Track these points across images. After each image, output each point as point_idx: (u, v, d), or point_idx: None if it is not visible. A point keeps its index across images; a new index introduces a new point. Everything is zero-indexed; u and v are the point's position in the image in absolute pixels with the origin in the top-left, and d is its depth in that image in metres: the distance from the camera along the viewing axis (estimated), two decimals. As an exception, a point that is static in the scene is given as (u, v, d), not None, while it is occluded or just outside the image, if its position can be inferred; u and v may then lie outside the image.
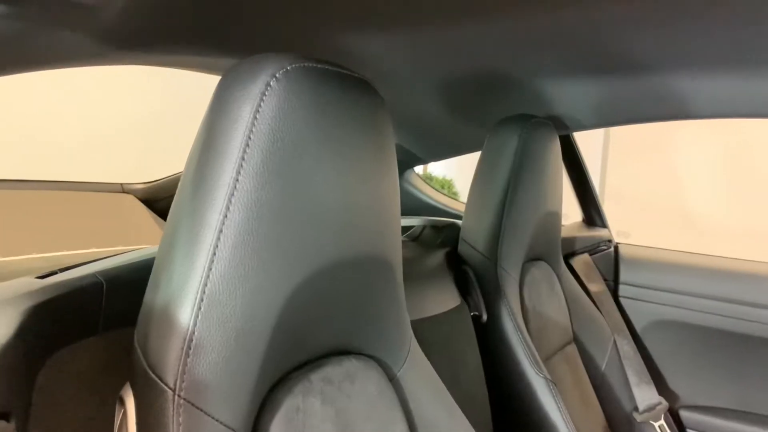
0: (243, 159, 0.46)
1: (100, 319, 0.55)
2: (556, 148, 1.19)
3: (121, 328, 0.57)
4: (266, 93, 0.47)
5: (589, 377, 1.30)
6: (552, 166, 1.17)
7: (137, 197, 1.69)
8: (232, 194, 0.46)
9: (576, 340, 1.31)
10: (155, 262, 0.50)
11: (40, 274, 0.58)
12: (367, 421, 0.62)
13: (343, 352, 0.63)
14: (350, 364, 0.62)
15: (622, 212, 1.86)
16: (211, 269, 0.45)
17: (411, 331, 0.72)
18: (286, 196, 0.48)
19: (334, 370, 0.60)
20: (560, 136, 1.22)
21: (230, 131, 0.47)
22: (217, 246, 0.45)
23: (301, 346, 0.55)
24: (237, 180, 0.46)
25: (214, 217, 0.46)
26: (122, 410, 0.47)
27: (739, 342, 1.40)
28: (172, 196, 0.50)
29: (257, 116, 0.46)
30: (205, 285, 0.45)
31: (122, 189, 1.71)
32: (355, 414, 0.60)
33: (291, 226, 0.49)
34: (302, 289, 0.51)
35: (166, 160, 1.67)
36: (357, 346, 0.64)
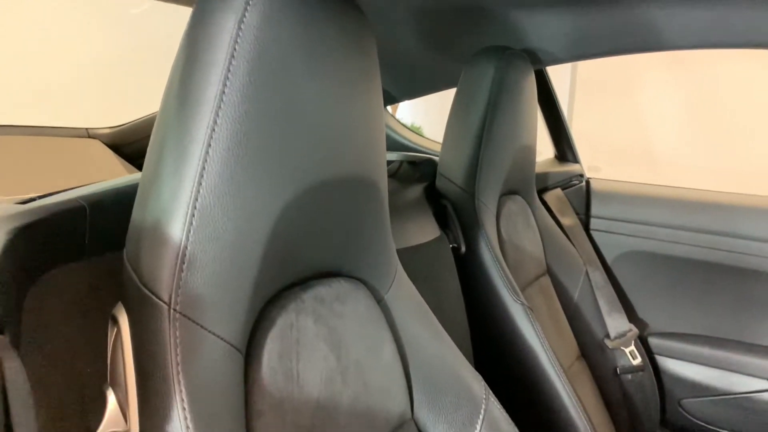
0: (229, 71, 0.45)
1: (85, 242, 0.54)
2: (531, 82, 1.19)
3: (108, 253, 0.56)
4: (250, 2, 0.45)
5: (563, 307, 1.34)
6: (527, 99, 1.17)
7: (104, 142, 1.65)
8: (219, 107, 0.45)
9: (550, 271, 1.34)
10: (141, 179, 0.49)
11: (18, 200, 0.56)
12: (358, 340, 0.63)
13: (332, 274, 0.63)
14: (339, 286, 0.63)
15: (590, 156, 1.88)
16: (201, 183, 0.45)
17: (396, 257, 0.72)
18: (274, 111, 0.47)
19: (324, 290, 0.60)
20: (534, 72, 1.22)
21: (214, 42, 0.45)
22: (206, 160, 0.45)
23: (292, 265, 0.55)
24: (224, 93, 0.45)
25: (201, 131, 0.45)
26: (116, 329, 0.47)
27: (705, 270, 1.45)
28: (139, 141, 0.49)
29: (242, 26, 0.45)
30: (196, 199, 0.45)
31: (87, 134, 1.66)
32: (346, 333, 0.61)
33: (280, 142, 0.48)
34: (292, 206, 0.51)
35: (133, 103, 1.62)
36: (346, 268, 0.64)
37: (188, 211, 0.44)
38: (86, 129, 1.65)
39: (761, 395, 1.39)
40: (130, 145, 1.59)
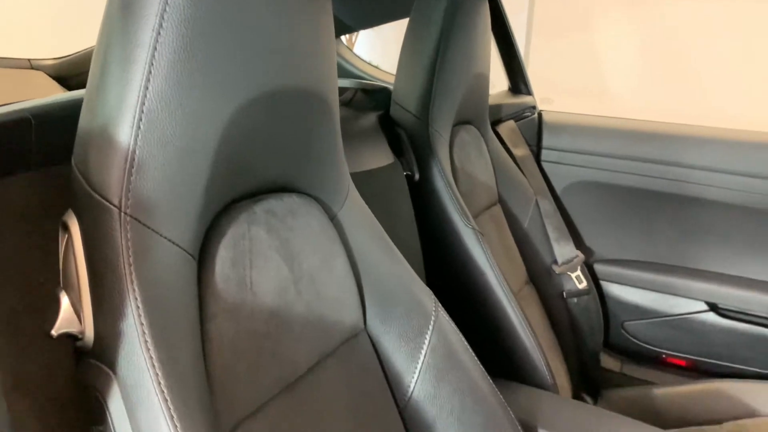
0: None
1: (31, 154, 0.54)
2: (485, 11, 1.19)
3: (55, 165, 0.56)
4: None
5: (513, 235, 1.38)
6: (481, 28, 1.18)
7: (48, 74, 1.59)
8: (164, 10, 0.44)
9: (501, 201, 1.38)
10: (87, 87, 0.48)
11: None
12: (311, 253, 0.64)
13: (285, 190, 0.64)
14: (292, 201, 0.64)
15: (546, 93, 1.90)
16: (147, 88, 0.44)
17: (349, 176, 0.74)
18: (221, 17, 0.47)
19: (277, 203, 0.61)
20: (489, 2, 1.22)
21: None
22: (152, 64, 0.44)
23: (243, 175, 0.56)
24: None
25: (147, 35, 0.44)
26: (66, 235, 0.47)
27: (650, 199, 1.50)
28: (85, 73, 0.49)
29: (185, -73, 0.44)
30: (143, 104, 0.45)
31: (30, 65, 1.60)
32: (299, 245, 0.63)
33: (227, 48, 0.48)
34: (241, 114, 0.51)
35: (78, 35, 1.56)
36: (298, 184, 0.65)
37: (135, 116, 0.44)
38: (29, 60, 1.59)
39: (697, 316, 1.48)
40: (76, 77, 1.54)
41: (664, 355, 1.55)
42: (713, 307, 1.47)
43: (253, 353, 0.54)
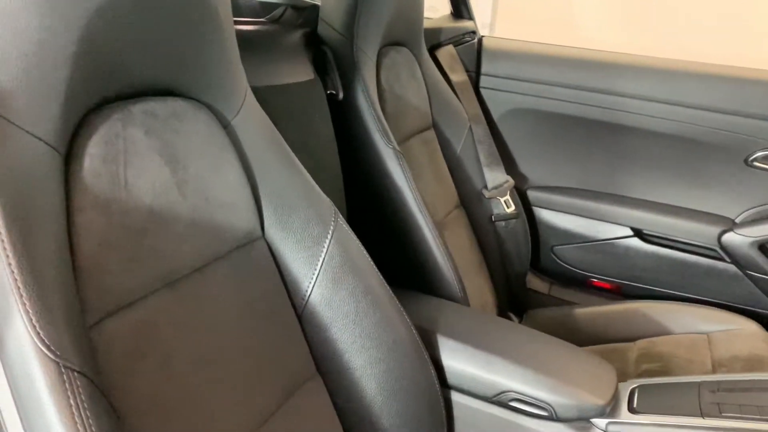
0: None
1: None
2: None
3: None
4: None
5: (446, 159, 1.40)
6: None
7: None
8: None
9: (435, 125, 1.39)
10: None
11: None
12: (199, 157, 0.66)
13: (168, 93, 0.64)
14: (177, 104, 0.64)
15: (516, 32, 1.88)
16: None
17: (246, 86, 0.74)
18: None
19: (158, 106, 0.62)
20: None
21: None
22: None
23: (115, 73, 0.56)
24: None
25: None
26: None
27: (584, 127, 1.53)
28: None
29: None
30: None
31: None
32: (183, 149, 0.64)
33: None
34: (107, 8, 0.51)
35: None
36: (182, 88, 0.65)
37: None
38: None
39: (623, 241, 1.54)
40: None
41: (590, 278, 1.62)
42: (638, 233, 1.52)
43: (127, 248, 0.56)
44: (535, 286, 1.65)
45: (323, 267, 0.76)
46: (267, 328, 0.71)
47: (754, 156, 1.40)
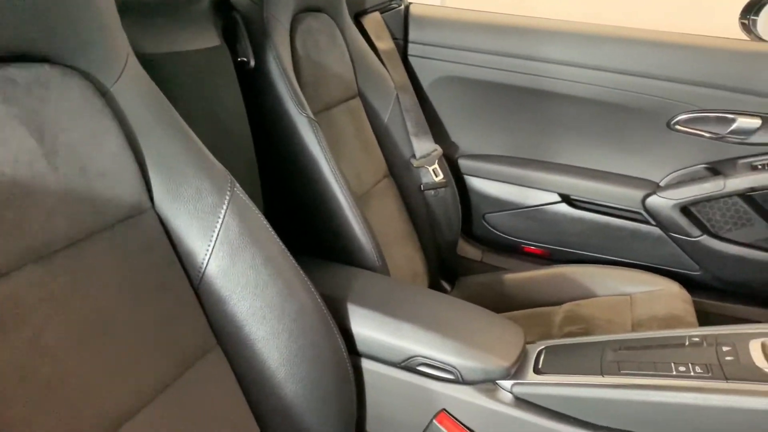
0: None
1: None
2: None
3: None
4: None
5: (373, 129, 1.39)
6: None
7: None
8: None
9: (361, 94, 1.37)
10: None
11: None
12: (71, 127, 0.63)
13: (30, 58, 0.61)
14: (42, 70, 0.61)
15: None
16: None
17: (128, 50, 0.71)
18: None
19: (18, 72, 0.59)
20: None
21: None
22: None
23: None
24: None
25: None
26: None
27: (511, 93, 1.53)
28: None
29: None
30: None
31: None
32: (52, 117, 0.61)
33: None
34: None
35: None
36: (50, 53, 0.62)
37: None
38: None
39: (551, 207, 1.56)
40: None
41: (522, 245, 1.64)
42: (566, 198, 1.54)
43: (-14, 220, 0.54)
44: (467, 253, 1.67)
45: (219, 238, 0.74)
46: (157, 302, 0.70)
47: (676, 119, 1.43)
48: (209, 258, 0.74)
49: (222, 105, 1.00)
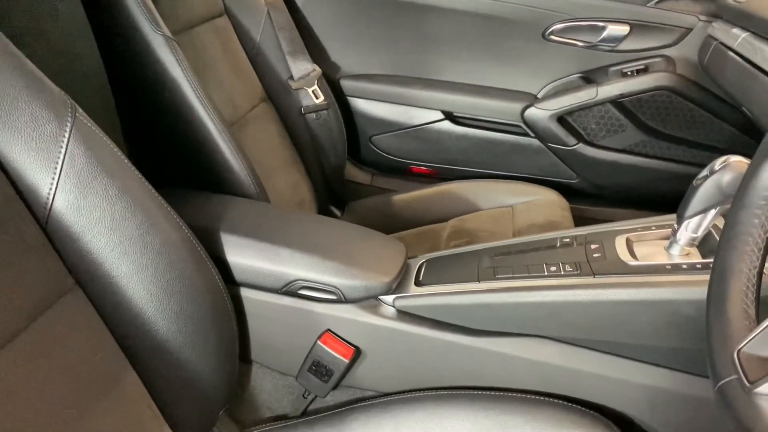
0: None
1: None
2: None
3: None
4: None
5: (245, 50, 1.31)
6: None
7: None
8: None
9: (228, 13, 1.28)
10: None
11: None
12: None
13: None
14: None
15: None
16: None
17: None
18: None
19: None
20: None
21: None
22: None
23: None
24: None
25: None
26: None
27: (389, 9, 1.49)
28: None
29: None
30: None
31: None
32: None
33: None
34: None
35: None
36: None
37: None
38: None
39: (435, 125, 1.56)
40: None
41: (409, 165, 1.64)
42: (449, 116, 1.54)
43: None
44: (356, 177, 1.65)
45: (64, 170, 0.67)
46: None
47: (550, 29, 1.44)
48: (54, 192, 0.67)
49: (55, 21, 0.89)
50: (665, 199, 1.43)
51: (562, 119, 1.48)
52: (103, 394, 0.69)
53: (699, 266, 0.73)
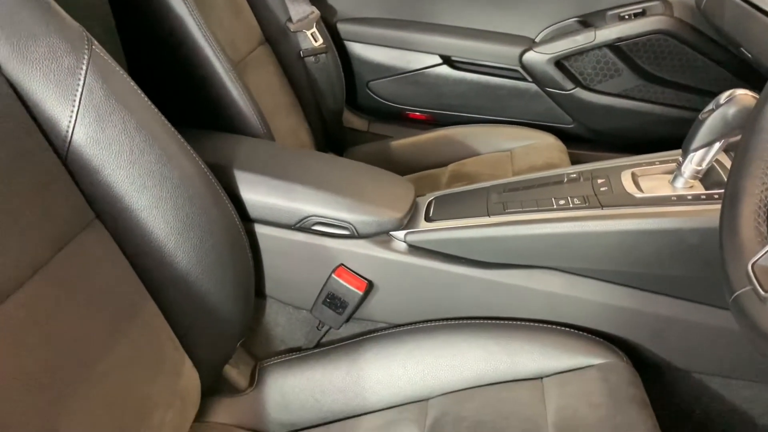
0: None
1: None
2: None
3: None
4: None
5: (246, -7, 1.29)
6: None
7: None
8: None
9: (225, -48, 1.26)
10: None
11: None
12: None
13: None
14: None
15: None
16: None
17: None
18: None
19: None
20: None
21: None
22: None
23: None
24: None
25: None
26: None
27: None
28: None
29: None
30: None
31: None
32: None
33: None
34: None
35: None
36: None
37: None
38: None
39: (433, 70, 1.56)
40: None
41: (406, 111, 1.64)
42: (447, 60, 1.54)
43: None
44: (353, 124, 1.65)
45: (82, 103, 0.67)
46: (20, 172, 0.63)
47: (549, -28, 1.44)
48: (74, 126, 0.67)
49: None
50: (660, 143, 1.44)
51: (559, 63, 1.48)
52: (127, 325, 0.71)
53: (703, 197, 0.76)
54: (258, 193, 0.87)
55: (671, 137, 1.00)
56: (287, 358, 0.90)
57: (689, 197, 0.76)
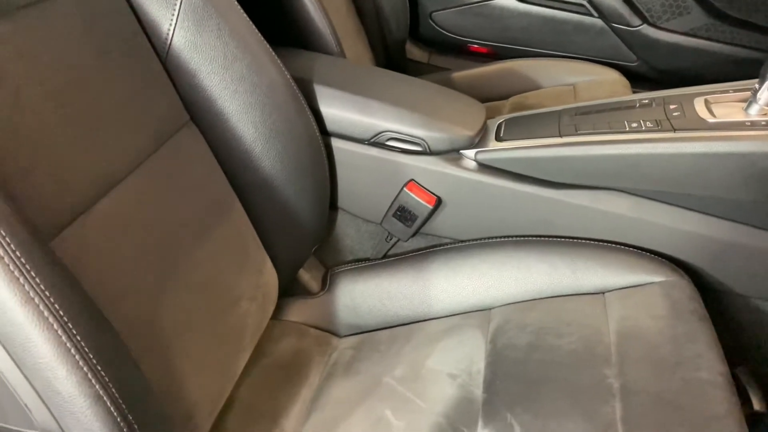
0: None
1: None
2: None
3: None
4: None
5: None
6: None
7: None
8: None
9: None
10: None
11: None
12: None
13: None
14: None
15: None
16: None
17: None
18: None
19: None
20: None
21: None
22: None
23: None
24: None
25: None
26: None
27: None
28: None
29: None
30: None
31: None
32: None
33: None
34: None
35: None
36: None
37: None
38: None
39: (497, 1, 1.54)
40: None
41: (468, 44, 1.64)
42: (512, -8, 1.53)
43: None
44: (414, 55, 1.66)
45: (182, 7, 0.71)
46: (127, 70, 0.68)
47: None
48: (174, 29, 0.71)
49: None
50: (726, 83, 1.43)
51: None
52: (217, 220, 0.76)
53: (779, 123, 0.76)
54: (336, 107, 0.90)
55: (738, 78, 0.99)
56: (357, 266, 0.95)
57: (764, 123, 0.77)
